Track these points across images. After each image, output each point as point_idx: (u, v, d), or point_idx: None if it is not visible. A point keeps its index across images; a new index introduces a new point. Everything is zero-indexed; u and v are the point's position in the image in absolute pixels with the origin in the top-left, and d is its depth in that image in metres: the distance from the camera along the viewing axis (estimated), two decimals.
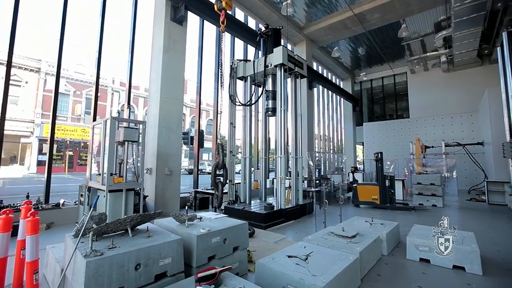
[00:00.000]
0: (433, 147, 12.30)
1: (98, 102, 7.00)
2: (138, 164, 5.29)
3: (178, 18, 7.02)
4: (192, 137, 8.69)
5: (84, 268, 1.83)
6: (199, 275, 2.11)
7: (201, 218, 3.20)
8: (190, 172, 18.52)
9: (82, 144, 23.87)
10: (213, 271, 2.13)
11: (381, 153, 7.98)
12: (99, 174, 4.87)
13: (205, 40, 9.17)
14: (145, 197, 6.26)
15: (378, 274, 3.11)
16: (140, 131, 5.27)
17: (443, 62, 14.00)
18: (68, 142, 22.80)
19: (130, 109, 7.36)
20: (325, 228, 4.11)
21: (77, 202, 5.59)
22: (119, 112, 5.77)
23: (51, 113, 5.99)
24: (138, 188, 5.15)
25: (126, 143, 5.21)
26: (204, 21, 8.81)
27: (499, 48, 7.16)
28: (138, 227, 2.64)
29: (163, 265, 2.25)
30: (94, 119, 6.40)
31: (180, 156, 7.43)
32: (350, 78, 19.16)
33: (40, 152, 21.29)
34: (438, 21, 11.84)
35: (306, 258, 2.66)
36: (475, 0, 7.90)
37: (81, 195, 5.29)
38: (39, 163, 20.83)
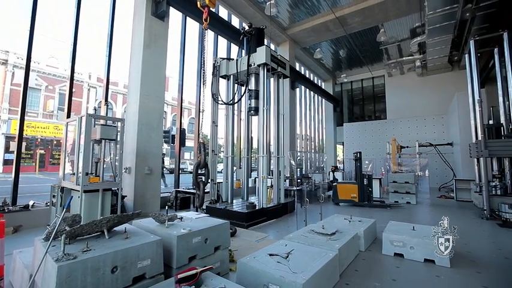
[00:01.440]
0: (407, 147, 12.91)
1: (73, 98, 6.65)
2: (116, 163, 5.10)
3: (159, 14, 6.84)
4: (173, 136, 8.52)
5: (55, 273, 1.74)
6: (180, 276, 2.07)
7: (181, 218, 3.14)
8: (171, 171, 18.11)
9: (55, 142, 22.59)
10: (193, 271, 2.11)
11: (360, 152, 8.27)
12: (74, 174, 4.64)
13: (188, 37, 9.01)
14: (123, 197, 6.04)
15: (355, 269, 3.22)
16: (118, 129, 5.08)
17: (417, 67, 14.75)
18: (39, 140, 21.48)
19: (108, 106, 7.06)
20: (306, 226, 4.19)
21: (48, 203, 5.29)
22: (95, 109, 5.53)
23: (19, 109, 5.61)
24: (115, 188, 4.97)
25: (103, 141, 5.01)
26: (187, 17, 8.64)
27: (467, 55, 7.65)
28: (115, 229, 2.54)
29: (142, 267, 2.19)
30: (68, 116, 6.08)
31: (161, 155, 7.25)
32: (331, 79, 19.65)
33: (7, 150, 19.89)
34: (414, 28, 12.45)
35: (287, 256, 2.70)
36: (446, 9, 8.39)
37: (53, 196, 5.01)
38: (6, 162, 19.46)
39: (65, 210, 2.23)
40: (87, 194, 4.30)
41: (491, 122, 7.52)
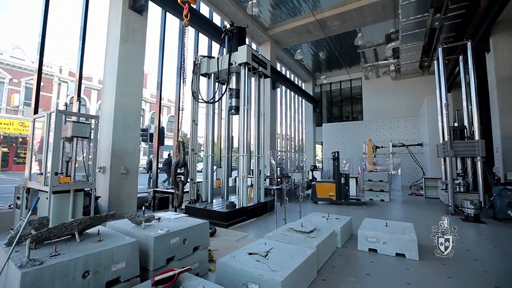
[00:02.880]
0: (382, 147, 13.52)
1: (41, 93, 6.23)
2: (90, 162, 4.86)
3: (137, 7, 6.59)
4: (151, 134, 8.27)
5: (18, 280, 1.62)
6: (156, 278, 2.02)
7: (159, 219, 3.07)
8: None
9: (20, 139, 21.03)
10: (171, 273, 2.06)
11: (338, 152, 8.53)
12: (42, 174, 4.35)
13: (168, 33, 8.78)
14: (97, 198, 5.77)
15: (332, 266, 3.33)
16: (92, 127, 4.84)
17: (392, 71, 15.48)
18: (2, 137, 19.90)
19: (80, 102, 6.70)
20: (286, 224, 4.25)
21: (12, 206, 4.92)
22: (66, 105, 5.22)
23: None
24: (88, 189, 4.73)
25: (75, 139, 4.75)
26: (167, 13, 8.41)
27: (435, 62, 8.17)
28: (87, 231, 2.42)
29: (116, 270, 2.10)
30: (35, 112, 5.69)
31: (138, 154, 7.00)
32: (311, 80, 20.06)
33: None
34: (389, 34, 13.04)
35: (266, 255, 2.73)
36: (418, 17, 8.88)
37: (18, 198, 4.67)
38: None
39: (30, 212, 2.09)
40: (56, 195, 4.06)
41: (456, 124, 8.10)
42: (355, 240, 4.04)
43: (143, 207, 5.40)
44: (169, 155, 11.68)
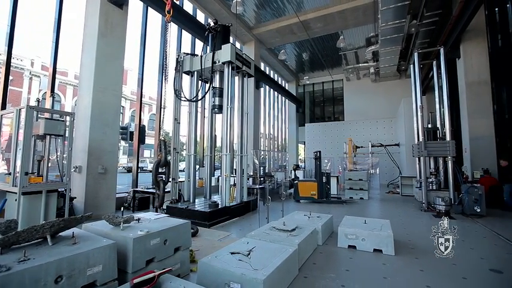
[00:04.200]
0: (362, 147, 13.99)
1: (10, 87, 5.84)
2: (64, 162, 4.63)
3: (117, 1, 6.35)
4: (131, 132, 8.00)
5: None
6: (135, 280, 1.97)
7: (139, 220, 2.98)
8: (129, 170, 17.03)
9: None
10: (151, 275, 2.02)
11: (320, 152, 8.71)
12: (9, 174, 4.08)
13: (150, 29, 8.55)
14: (72, 198, 5.51)
15: (313, 263, 3.40)
16: (67, 124, 4.61)
17: (371, 73, 16.04)
18: None
19: (54, 98, 6.35)
20: (268, 223, 4.29)
21: None
22: (38, 100, 4.94)
23: None
24: (63, 189, 4.51)
25: (48, 136, 4.50)
26: (149, 8, 8.17)
27: (411, 66, 8.57)
28: (61, 234, 2.31)
29: (92, 274, 2.02)
30: (3, 107, 5.33)
31: (117, 153, 6.76)
32: (295, 81, 20.33)
33: None
34: (369, 37, 13.50)
35: (249, 254, 2.74)
36: (396, 23, 9.26)
37: None
38: None
39: None
40: (26, 197, 3.83)
41: (430, 125, 8.54)
42: (336, 237, 4.15)
43: (122, 208, 5.21)
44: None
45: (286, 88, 19.14)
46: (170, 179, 6.15)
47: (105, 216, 2.77)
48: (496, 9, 8.75)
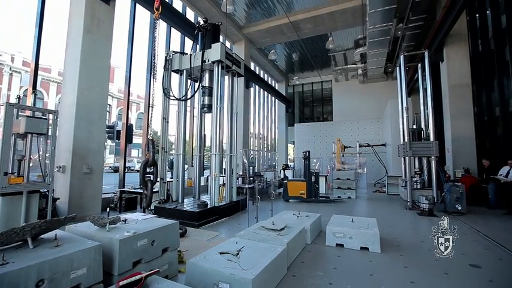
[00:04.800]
0: (350, 147, 14.24)
1: None
2: (47, 161, 4.47)
3: None
4: (118, 131, 7.82)
5: None
6: (121, 282, 1.93)
7: (125, 220, 2.92)
8: (115, 170, 16.65)
9: None
10: (137, 277, 1.98)
11: (309, 151, 8.81)
12: None
13: (138, 26, 8.37)
14: (55, 199, 5.33)
15: (302, 261, 3.43)
16: (50, 122, 4.46)
17: (359, 75, 16.35)
18: None
19: (36, 95, 6.13)
20: (257, 223, 4.29)
21: None
22: (19, 97, 4.76)
23: None
24: (45, 190, 4.36)
25: (30, 135, 4.34)
26: (137, 4, 8.01)
27: (398, 68, 8.80)
28: (43, 236, 2.23)
29: (76, 277, 1.97)
30: None
31: (103, 153, 6.60)
32: (284, 81, 20.45)
33: None
34: (357, 39, 13.75)
35: (238, 254, 2.73)
36: (383, 26, 9.48)
37: None
38: None
39: None
40: (5, 198, 3.68)
41: (415, 126, 8.80)
42: (324, 236, 4.21)
43: (108, 208, 5.09)
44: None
45: (276, 88, 19.23)
46: (158, 179, 6.06)
47: (90, 217, 2.70)
48: (477, 15, 9.12)
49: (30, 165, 4.50)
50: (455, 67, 9.06)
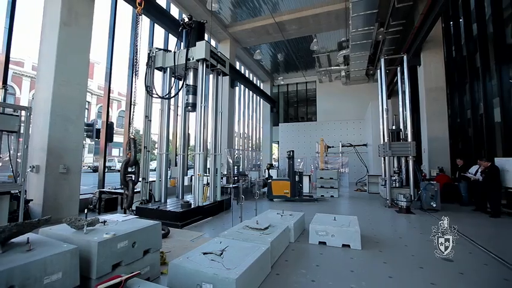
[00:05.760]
0: (333, 147, 14.56)
1: None
2: (19, 160, 4.22)
3: None
4: (98, 130, 7.53)
5: None
6: (100, 286, 1.87)
7: (104, 222, 2.82)
8: (95, 170, 16.02)
9: None
10: (117, 280, 1.93)
11: (293, 151, 8.91)
12: None
13: (119, 20, 8.09)
14: (28, 201, 5.05)
15: (285, 260, 3.47)
16: (22, 119, 4.21)
17: (342, 76, 16.76)
18: None
19: (6, 90, 5.76)
20: (241, 222, 4.30)
21: None
22: None
23: None
24: (16, 191, 4.11)
25: None
26: None
27: (378, 71, 9.10)
28: (13, 240, 2.10)
29: (50, 282, 1.87)
30: None
31: (81, 152, 6.32)
32: (269, 81, 20.56)
33: None
34: (341, 42, 14.08)
35: (221, 253, 2.72)
36: (365, 29, 9.77)
37: None
38: None
39: None
40: None
41: (394, 127, 9.15)
42: (307, 234, 4.28)
43: (86, 210, 4.89)
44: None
45: (261, 88, 19.29)
46: (140, 179, 5.90)
47: (66, 219, 2.59)
48: (451, 23, 9.62)
49: (0, 165, 4.23)
50: (431, 71, 9.51)
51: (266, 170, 11.60)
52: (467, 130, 8.73)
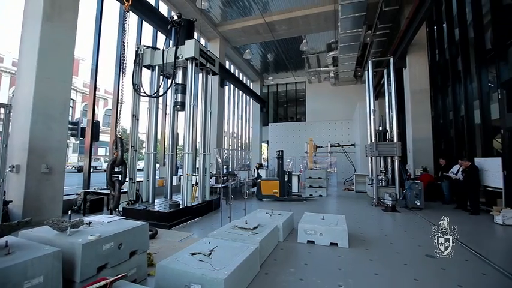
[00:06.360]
0: (321, 147, 14.75)
1: None
2: None
3: None
4: (83, 128, 7.32)
5: None
6: None
7: (89, 223, 2.74)
8: (79, 169, 15.56)
9: None
10: (102, 283, 1.88)
11: (282, 151, 8.97)
12: None
13: (106, 16, 7.89)
14: (6, 202, 4.85)
15: (274, 259, 3.49)
16: (1, 117, 4.03)
17: (331, 77, 17.00)
18: None
19: None
20: (230, 222, 4.29)
21: None
22: None
23: None
24: None
25: None
26: None
27: (366, 72, 9.30)
28: None
29: (31, 287, 1.81)
30: None
31: (65, 151, 6.11)
32: (259, 80, 20.59)
33: None
34: (330, 43, 14.27)
35: (210, 254, 2.71)
36: (353, 31, 9.96)
37: None
38: None
39: None
40: None
41: (380, 128, 9.37)
42: (296, 233, 4.32)
43: (70, 211, 4.74)
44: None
45: (251, 87, 19.29)
46: (127, 179, 5.78)
47: (48, 221, 2.50)
48: (435, 27, 9.95)
49: None
50: (416, 74, 9.80)
51: (255, 170, 11.61)
52: (449, 131, 9.05)
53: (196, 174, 6.69)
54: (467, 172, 6.53)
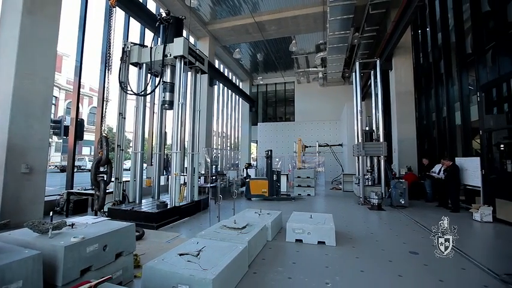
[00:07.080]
0: (310, 146, 14.91)
1: None
2: None
3: None
4: (66, 127, 7.07)
5: None
6: None
7: (72, 225, 2.66)
8: (62, 169, 15.04)
9: None
10: (85, 286, 1.83)
11: (271, 151, 9.01)
12: None
13: (91, 11, 7.66)
14: None
15: (263, 258, 3.51)
16: None
17: (320, 78, 17.21)
18: None
19: None
20: (219, 222, 4.27)
21: None
22: None
23: None
24: None
25: None
26: None
27: (354, 74, 9.49)
28: None
29: None
30: None
31: (47, 150, 5.89)
32: (248, 80, 20.58)
33: None
34: (318, 44, 14.45)
35: (198, 254, 2.68)
36: (342, 33, 10.12)
37: None
38: None
39: None
40: None
41: (367, 128, 9.58)
42: (284, 232, 4.35)
43: (51, 212, 4.57)
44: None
45: (240, 87, 19.25)
46: (113, 179, 5.64)
47: (28, 223, 2.40)
48: (419, 31, 10.26)
49: None
50: (402, 76, 10.08)
51: (244, 169, 11.60)
52: (432, 132, 9.37)
53: (185, 174, 6.62)
54: (449, 171, 6.78)
